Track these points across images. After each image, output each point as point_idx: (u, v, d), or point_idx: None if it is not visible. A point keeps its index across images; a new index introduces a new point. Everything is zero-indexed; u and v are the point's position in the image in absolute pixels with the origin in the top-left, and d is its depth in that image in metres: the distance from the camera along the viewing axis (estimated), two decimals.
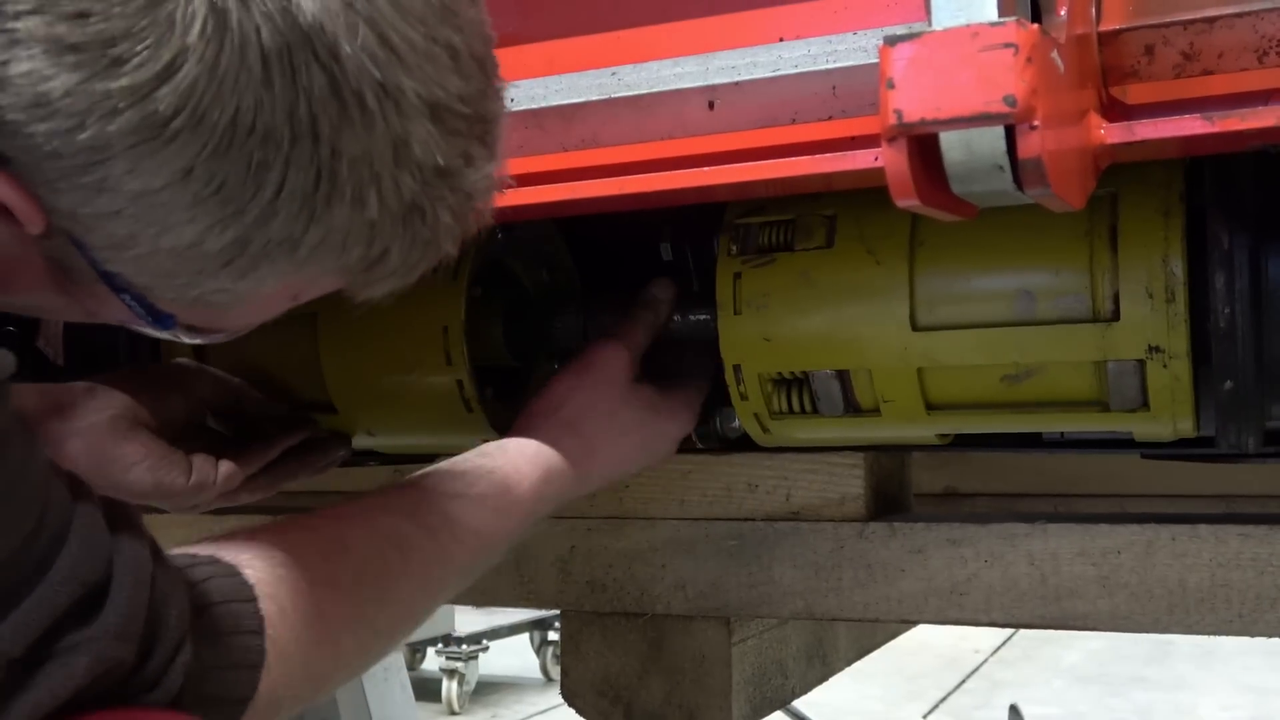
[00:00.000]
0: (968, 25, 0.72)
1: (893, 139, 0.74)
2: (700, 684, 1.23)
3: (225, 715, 0.77)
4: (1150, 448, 1.11)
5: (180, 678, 0.73)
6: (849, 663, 1.48)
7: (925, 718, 5.29)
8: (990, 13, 0.72)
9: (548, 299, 1.28)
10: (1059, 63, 0.75)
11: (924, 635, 2.07)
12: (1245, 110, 0.79)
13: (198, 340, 0.80)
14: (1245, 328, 0.96)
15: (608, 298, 1.28)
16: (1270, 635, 1.04)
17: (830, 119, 0.92)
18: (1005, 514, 1.17)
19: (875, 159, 0.86)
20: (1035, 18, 0.77)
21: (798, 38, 0.93)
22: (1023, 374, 1.04)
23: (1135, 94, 0.84)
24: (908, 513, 1.22)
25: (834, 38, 0.91)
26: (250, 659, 0.78)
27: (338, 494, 1.67)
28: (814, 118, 0.92)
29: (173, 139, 0.65)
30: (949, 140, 0.73)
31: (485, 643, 5.55)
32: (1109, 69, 0.84)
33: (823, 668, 1.41)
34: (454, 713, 5.40)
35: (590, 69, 0.98)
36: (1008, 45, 0.71)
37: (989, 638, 6.33)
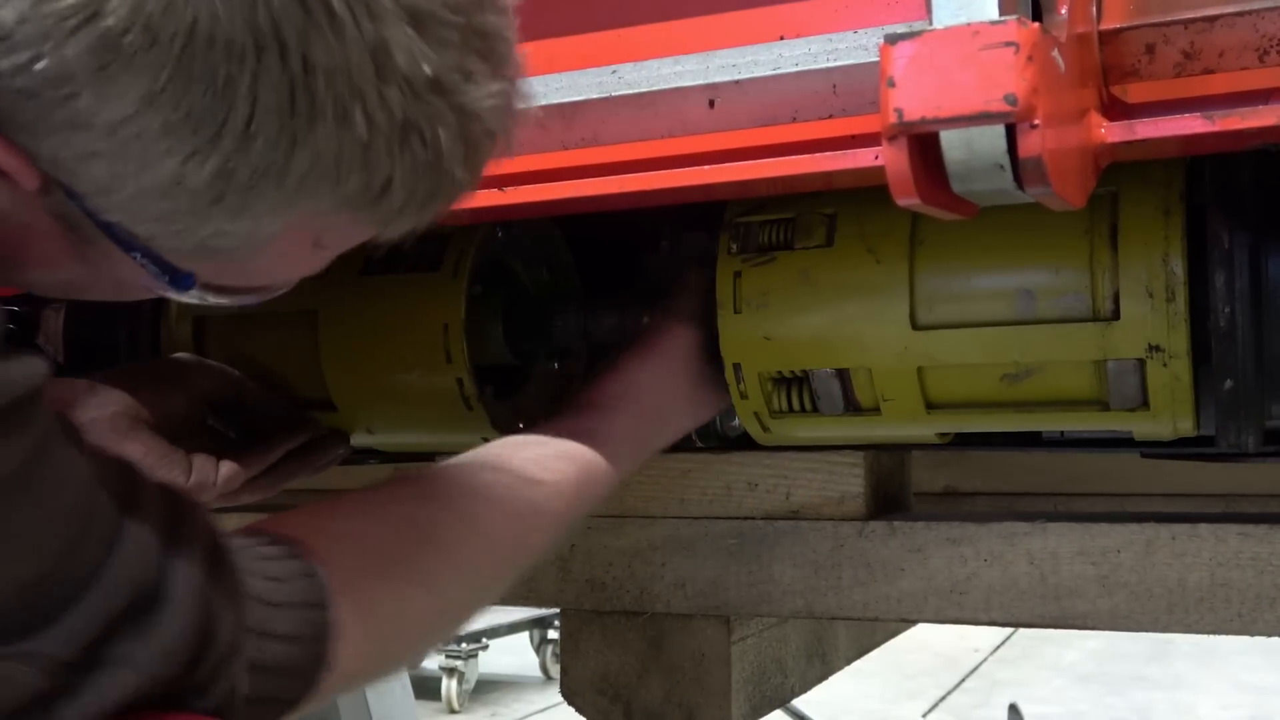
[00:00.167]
0: (968, 24, 0.72)
1: (893, 137, 0.74)
2: (700, 682, 1.23)
3: (278, 711, 0.77)
4: (1150, 447, 1.11)
5: (229, 687, 0.72)
6: (848, 661, 1.48)
7: (925, 716, 5.29)
8: (991, 11, 0.72)
9: (548, 297, 1.28)
10: (1060, 61, 0.75)
11: (923, 634, 2.07)
12: (1246, 109, 0.79)
13: (224, 301, 0.77)
14: (1245, 327, 0.96)
15: (608, 297, 1.28)
16: (1270, 635, 1.04)
17: (831, 117, 0.92)
18: (1005, 513, 1.17)
19: (876, 157, 0.86)
20: (1036, 16, 0.77)
21: (798, 36, 0.93)
22: (1023, 373, 1.04)
23: (1136, 93, 0.84)
24: (907, 512, 1.22)
25: (834, 36, 0.91)
26: (315, 665, 0.78)
27: (338, 492, 1.67)
28: (814, 116, 0.92)
29: (130, 59, 0.62)
30: (949, 139, 0.73)
31: (485, 641, 5.55)
32: (1110, 68, 0.84)
33: (822, 666, 1.41)
34: (453, 711, 5.40)
35: (590, 67, 0.98)
36: (1008, 44, 0.71)
37: (988, 637, 6.33)
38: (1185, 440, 1.06)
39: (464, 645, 5.38)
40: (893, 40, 0.74)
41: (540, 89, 0.97)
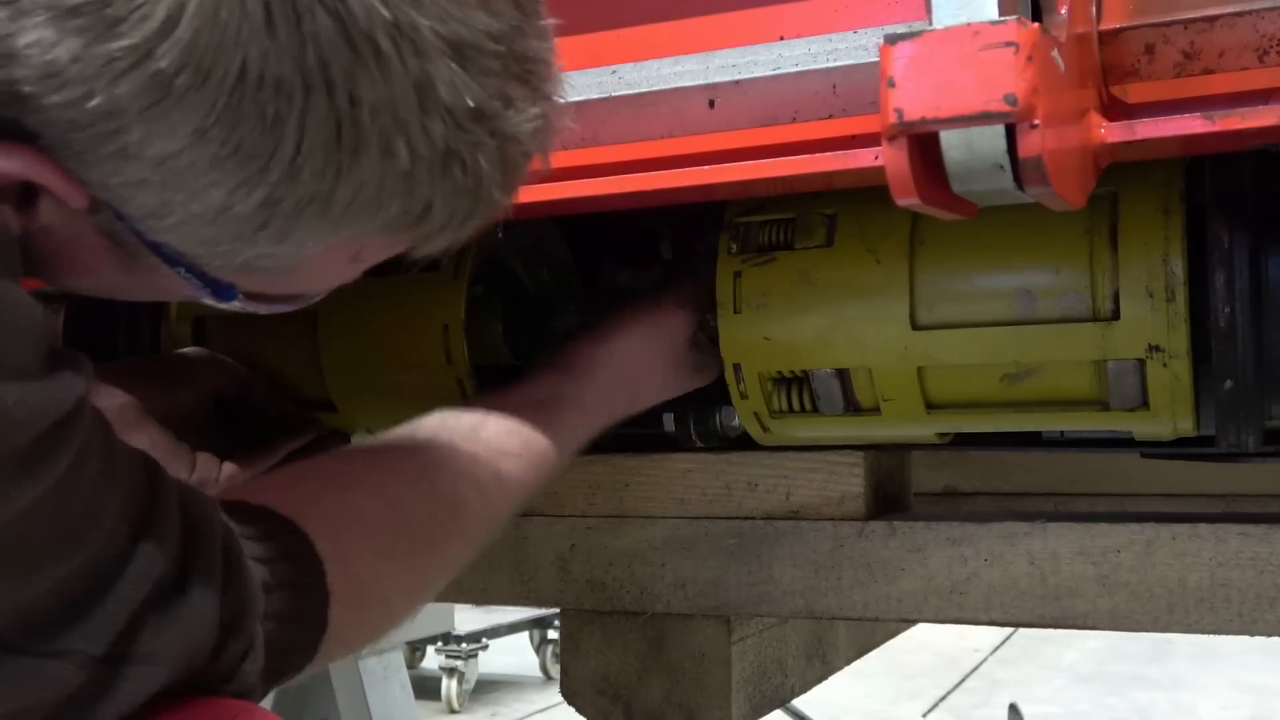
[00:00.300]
0: (968, 24, 0.72)
1: (893, 138, 0.74)
2: (700, 683, 1.23)
3: (279, 680, 0.79)
4: (1150, 447, 1.12)
5: (252, 670, 0.75)
6: (848, 661, 1.48)
7: (925, 716, 5.29)
8: (991, 11, 0.72)
9: (548, 298, 1.28)
10: (1059, 61, 0.75)
11: (923, 634, 2.07)
12: (1246, 109, 0.79)
13: (263, 310, 0.79)
14: (1245, 327, 0.96)
15: (608, 297, 1.28)
16: (1270, 634, 1.04)
17: (831, 118, 0.92)
18: (1005, 513, 1.17)
19: (876, 158, 0.86)
20: (1036, 16, 0.77)
21: (798, 36, 0.93)
22: (1023, 373, 1.04)
23: (1136, 93, 0.84)
24: (907, 512, 1.22)
25: (834, 36, 0.91)
26: (314, 638, 0.80)
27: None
28: (814, 116, 0.92)
29: (181, 98, 0.64)
30: (949, 139, 0.73)
31: (485, 641, 5.55)
32: (1109, 68, 0.84)
33: (822, 666, 1.41)
34: (454, 711, 5.40)
35: (590, 67, 0.98)
36: (1008, 44, 0.71)
37: (988, 636, 6.33)
38: (1185, 440, 1.06)
39: (464, 645, 5.38)
40: (893, 40, 0.74)
41: None
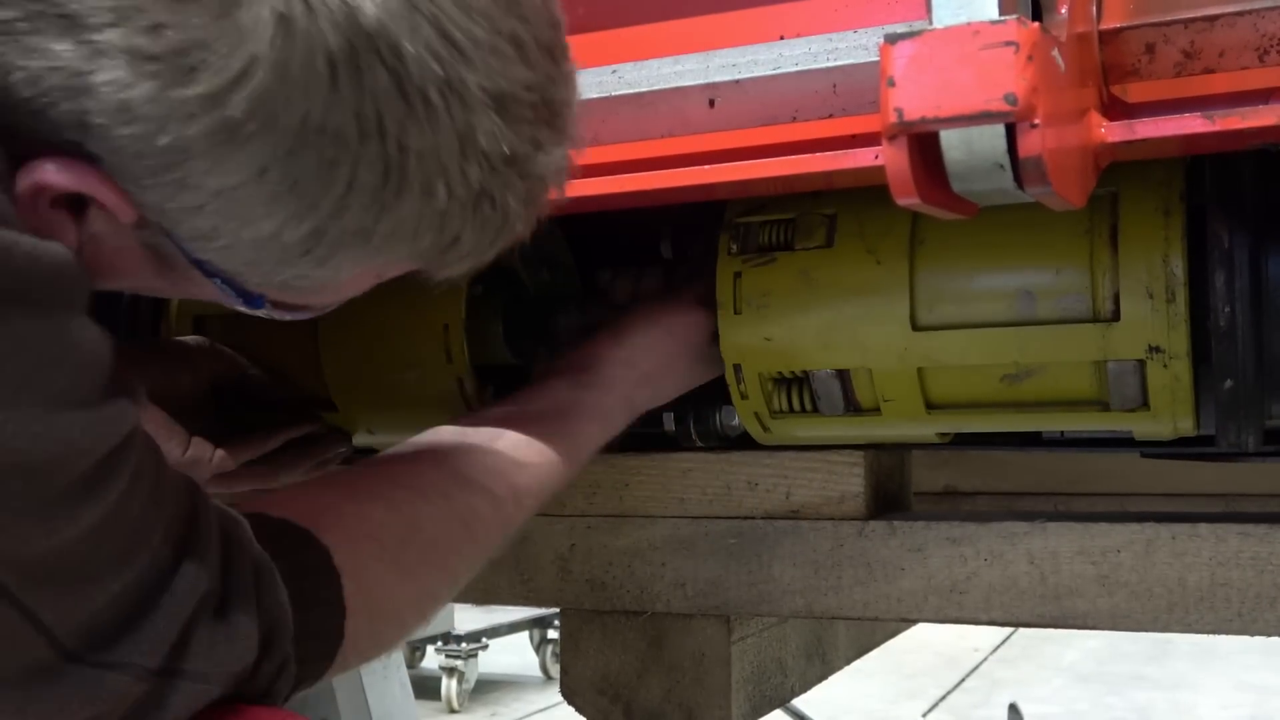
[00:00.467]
0: (968, 23, 0.72)
1: (893, 137, 0.74)
2: (700, 682, 1.23)
3: (296, 690, 0.81)
4: (1150, 447, 1.11)
5: (285, 689, 0.78)
6: (848, 661, 1.48)
7: (925, 716, 5.29)
8: (991, 11, 0.72)
9: (548, 298, 1.28)
10: (1060, 61, 0.75)
11: (923, 634, 2.07)
12: (1246, 109, 0.79)
13: (286, 317, 0.83)
14: (1245, 327, 0.96)
15: (610, 302, 1.27)
16: (1269, 634, 1.04)
17: (831, 117, 0.92)
18: (1005, 513, 1.16)
19: (876, 157, 0.86)
20: (1036, 16, 0.77)
21: (798, 36, 0.93)
22: (1023, 373, 1.04)
23: (1136, 92, 0.84)
24: (907, 511, 1.22)
25: (834, 36, 0.91)
26: (330, 650, 0.82)
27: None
28: (814, 116, 0.92)
29: (247, 141, 0.68)
30: (949, 138, 0.73)
31: (485, 641, 5.55)
32: (1110, 67, 0.84)
33: (822, 666, 1.41)
34: (453, 711, 5.40)
35: (590, 67, 0.98)
36: (1008, 43, 0.71)
37: (988, 636, 6.33)
38: (1185, 440, 1.06)
39: (464, 645, 5.38)
40: (893, 40, 0.74)
41: None
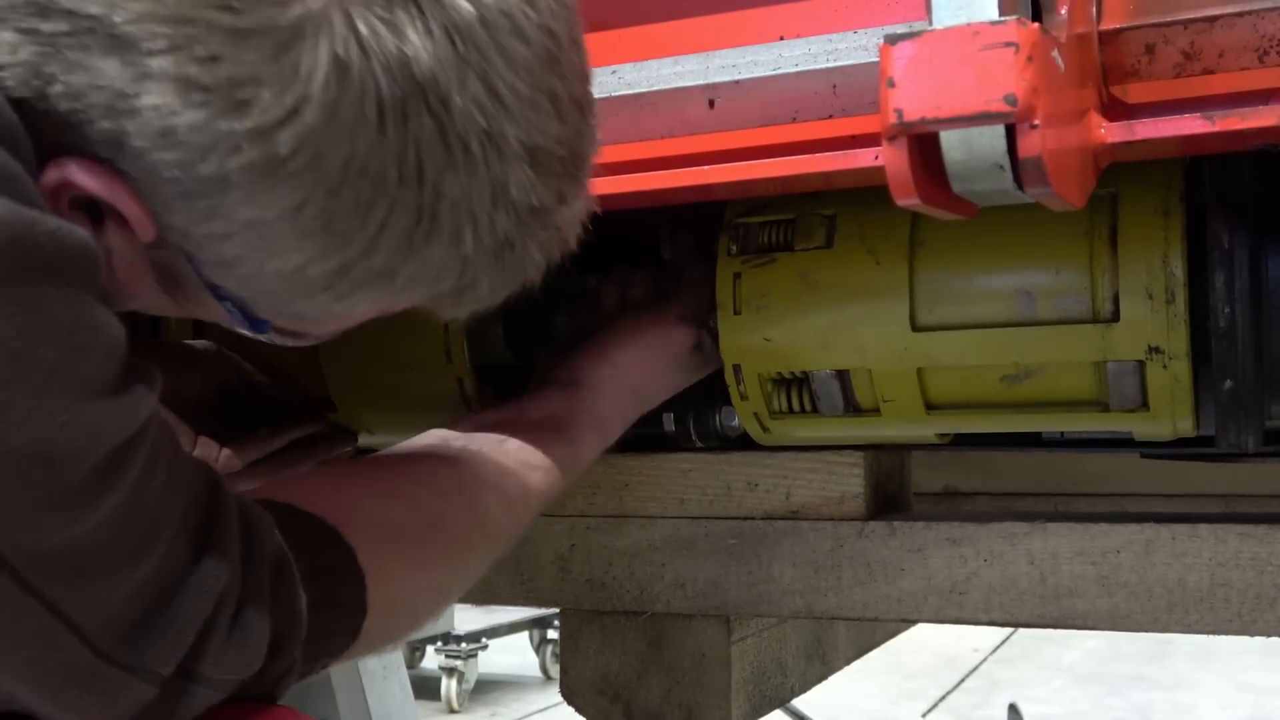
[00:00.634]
0: (968, 24, 0.72)
1: (893, 138, 0.74)
2: (700, 682, 1.23)
3: (302, 679, 0.81)
4: (1150, 447, 1.11)
5: (286, 688, 0.78)
6: (848, 661, 1.48)
7: (924, 716, 5.29)
8: (991, 11, 0.72)
9: (547, 298, 1.28)
10: (1059, 62, 0.75)
11: (923, 634, 2.07)
12: (1246, 110, 0.79)
13: (288, 343, 0.83)
14: (1245, 327, 0.96)
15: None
16: (1269, 635, 1.04)
17: (830, 118, 0.92)
18: (1005, 513, 1.16)
19: (875, 158, 0.86)
20: (1036, 17, 0.77)
21: (798, 36, 0.93)
22: (1022, 374, 1.03)
23: (1136, 93, 0.84)
24: (907, 512, 1.22)
25: (834, 36, 0.91)
26: (344, 645, 0.83)
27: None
28: (814, 116, 0.92)
29: (288, 177, 0.68)
30: (949, 139, 0.73)
31: (485, 641, 5.55)
32: (1109, 68, 0.84)
33: (822, 666, 1.41)
34: (453, 711, 5.40)
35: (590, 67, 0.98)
36: (1008, 44, 0.71)
37: (988, 636, 6.33)
38: (1185, 440, 1.06)
39: (464, 645, 5.38)
40: (893, 40, 0.73)
41: None
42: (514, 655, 6.03)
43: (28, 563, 0.62)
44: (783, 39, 0.93)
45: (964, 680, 5.87)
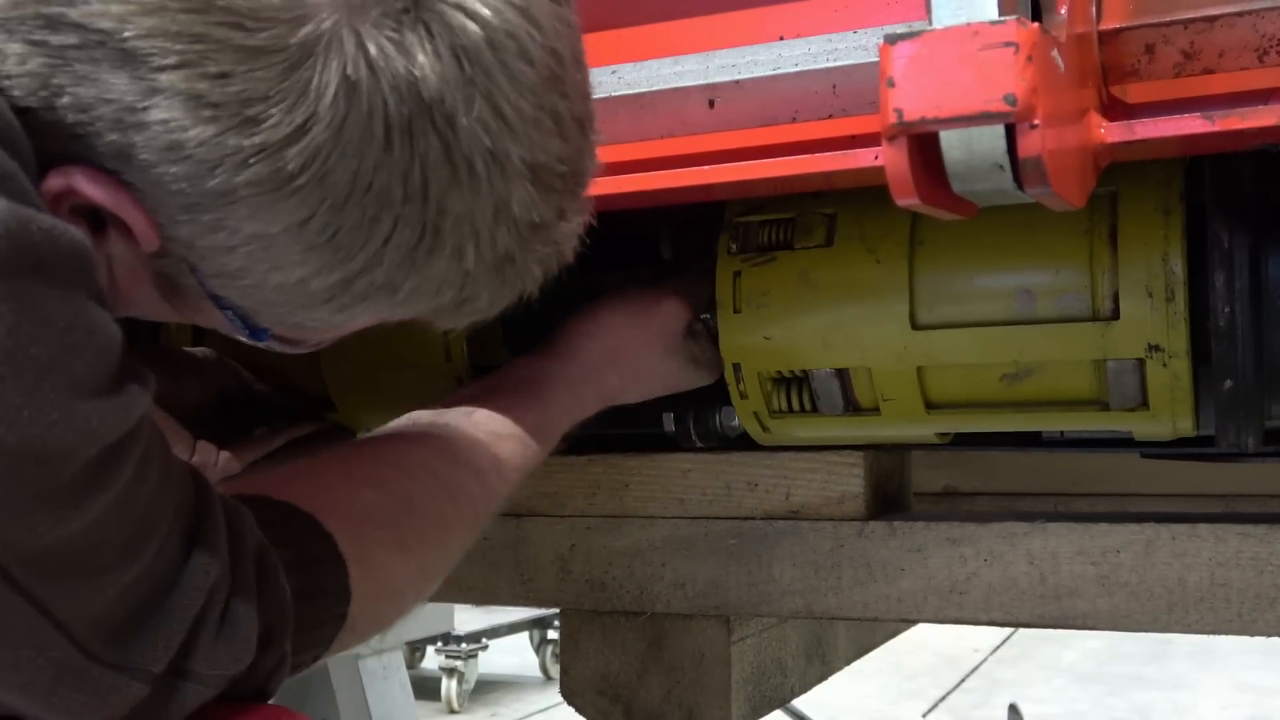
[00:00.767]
0: (968, 24, 0.72)
1: (893, 138, 0.74)
2: (699, 683, 1.23)
3: (293, 674, 0.81)
4: (1150, 447, 1.11)
5: (279, 683, 0.78)
6: (848, 661, 1.48)
7: (924, 717, 5.29)
8: (990, 11, 0.72)
9: (547, 298, 1.28)
10: (1059, 61, 0.75)
11: (923, 634, 2.07)
12: (1245, 109, 0.79)
13: (287, 350, 0.84)
14: (1245, 327, 0.96)
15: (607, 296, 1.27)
16: (1269, 635, 1.04)
17: (830, 117, 0.92)
18: (1005, 513, 1.17)
19: (875, 158, 0.86)
20: (1035, 16, 0.77)
21: (798, 36, 0.93)
22: (1022, 373, 1.04)
23: (1135, 93, 0.84)
24: (907, 512, 1.22)
25: (834, 36, 0.91)
26: (331, 634, 0.82)
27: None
28: (814, 116, 0.92)
29: (295, 192, 0.68)
30: (949, 139, 0.73)
31: (485, 641, 5.55)
32: (1109, 68, 0.84)
33: (822, 666, 1.41)
34: (453, 711, 5.40)
35: (591, 67, 0.98)
36: (1008, 44, 0.71)
37: (988, 637, 6.33)
38: (1185, 440, 1.06)
39: (464, 645, 5.38)
40: (892, 40, 0.74)
41: None
42: (514, 655, 6.04)
43: (17, 561, 0.62)
44: (783, 39, 0.93)
45: (964, 680, 5.87)
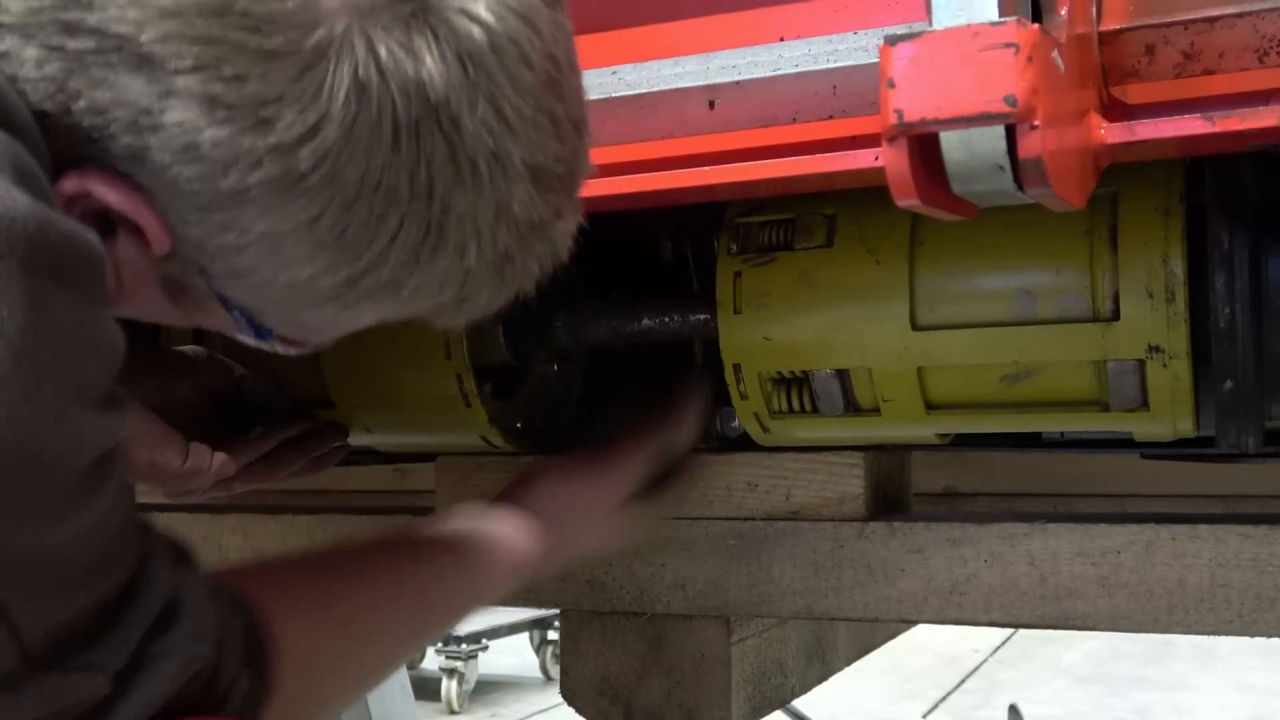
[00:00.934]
0: (968, 25, 0.72)
1: (893, 138, 0.74)
2: (700, 683, 1.23)
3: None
4: (1150, 447, 1.12)
5: (242, 692, 0.79)
6: (848, 662, 1.48)
7: (925, 717, 5.30)
8: (991, 12, 0.72)
9: (547, 298, 1.28)
10: (1059, 62, 0.75)
11: (923, 635, 2.07)
12: (1246, 110, 0.79)
13: (290, 352, 0.85)
14: (1245, 327, 0.96)
15: (606, 297, 1.28)
16: (1270, 635, 1.04)
17: (831, 118, 0.92)
18: (1005, 514, 1.17)
19: (876, 158, 0.86)
20: (1036, 17, 0.77)
21: (798, 37, 0.93)
22: (1022, 373, 1.04)
23: (1136, 94, 0.84)
24: (907, 512, 1.22)
25: (834, 37, 0.91)
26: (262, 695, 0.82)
27: (338, 492, 1.67)
28: (814, 117, 0.92)
29: (306, 191, 0.70)
30: (949, 140, 0.73)
31: (485, 642, 5.55)
32: (1110, 69, 0.84)
33: (822, 667, 1.41)
34: (453, 712, 5.41)
35: (591, 68, 0.97)
36: (1008, 45, 0.71)
37: (988, 637, 6.33)
38: (1185, 441, 1.06)
39: (464, 646, 5.38)
40: (893, 41, 0.74)
41: None
42: (514, 656, 6.04)
43: None
44: (783, 40, 0.93)
45: (964, 681, 5.87)
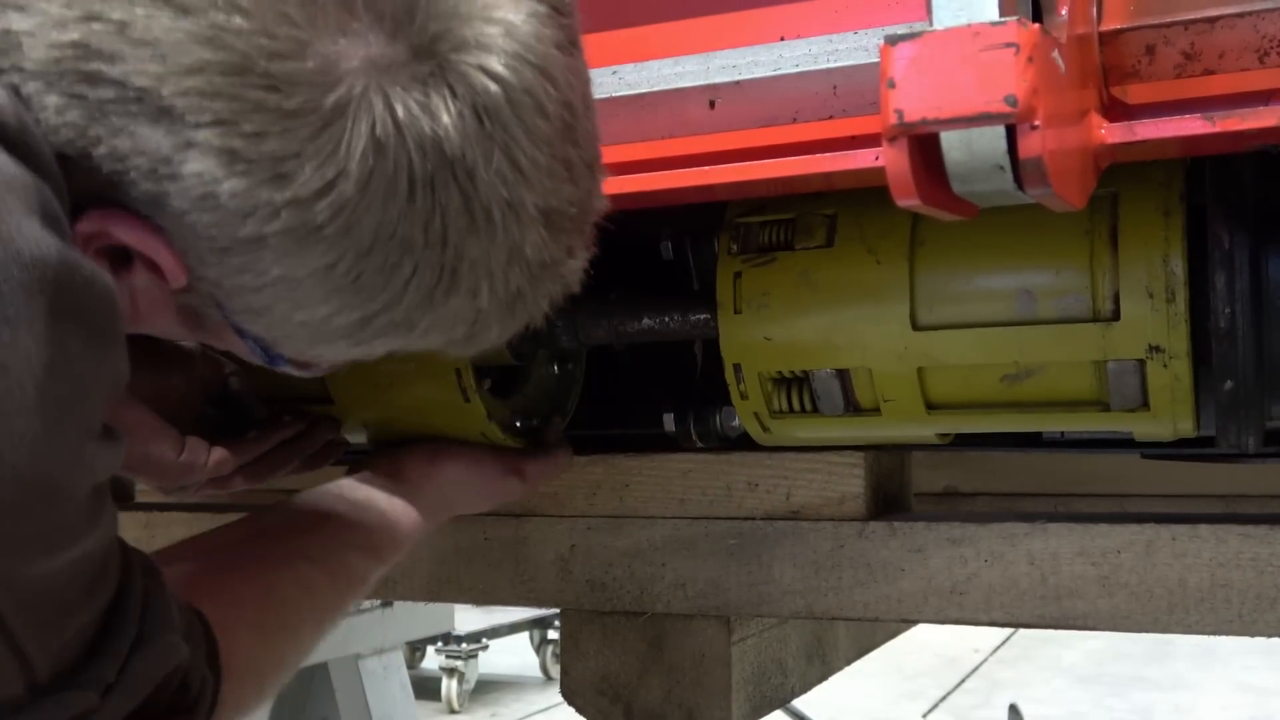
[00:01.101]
0: (969, 25, 0.72)
1: (893, 138, 0.74)
2: (700, 683, 1.23)
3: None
4: (1150, 447, 1.12)
5: (210, 696, 0.82)
6: (849, 662, 1.48)
7: (925, 717, 5.30)
8: (991, 12, 0.72)
9: None
10: (1060, 62, 0.75)
11: (924, 634, 2.07)
12: (1246, 110, 0.79)
13: (302, 374, 0.87)
14: (1245, 327, 0.96)
15: (606, 297, 1.27)
16: (1270, 635, 1.04)
17: (831, 118, 0.92)
18: (1005, 513, 1.17)
19: (876, 158, 0.86)
20: (1036, 17, 0.77)
21: (798, 37, 0.93)
22: (1023, 373, 1.04)
23: (1136, 94, 0.84)
24: (908, 512, 1.22)
25: (835, 37, 0.91)
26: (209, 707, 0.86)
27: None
28: (815, 117, 0.92)
29: (322, 240, 0.71)
30: (950, 140, 0.73)
31: (485, 641, 5.56)
32: (1110, 69, 0.84)
33: (822, 667, 1.41)
34: (454, 711, 5.41)
35: (591, 68, 0.98)
36: (1009, 45, 0.71)
37: (989, 637, 6.33)
38: (1186, 441, 1.06)
39: (464, 645, 5.39)
40: (893, 41, 0.74)
41: None
42: (514, 655, 6.04)
43: (6, 593, 0.64)
44: (783, 39, 0.93)
45: (964, 681, 5.87)
